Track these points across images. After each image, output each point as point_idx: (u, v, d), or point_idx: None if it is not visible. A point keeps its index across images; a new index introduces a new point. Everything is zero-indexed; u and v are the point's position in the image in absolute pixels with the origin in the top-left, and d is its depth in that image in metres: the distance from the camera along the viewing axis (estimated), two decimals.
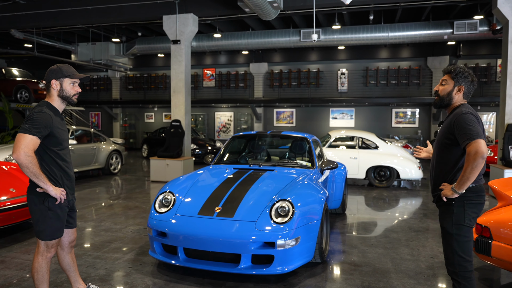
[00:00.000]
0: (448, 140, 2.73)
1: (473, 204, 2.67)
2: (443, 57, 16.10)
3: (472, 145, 2.51)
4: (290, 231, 3.65)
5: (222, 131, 19.51)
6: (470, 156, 2.51)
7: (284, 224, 3.68)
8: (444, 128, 2.80)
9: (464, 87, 2.79)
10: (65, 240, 3.00)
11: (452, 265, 2.67)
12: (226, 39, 14.28)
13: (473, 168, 2.50)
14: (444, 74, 2.91)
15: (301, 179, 4.56)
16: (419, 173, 9.15)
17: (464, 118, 2.62)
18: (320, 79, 17.84)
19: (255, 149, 6.06)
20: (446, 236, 2.73)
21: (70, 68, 2.86)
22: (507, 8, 8.17)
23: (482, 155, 2.47)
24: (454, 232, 2.67)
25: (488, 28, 12.02)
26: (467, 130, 2.56)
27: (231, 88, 19.02)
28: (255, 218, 3.76)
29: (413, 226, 5.91)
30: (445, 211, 2.75)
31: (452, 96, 2.80)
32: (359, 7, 11.40)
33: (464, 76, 2.79)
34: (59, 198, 2.73)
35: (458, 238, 2.66)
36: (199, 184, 4.53)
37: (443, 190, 2.70)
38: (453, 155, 2.73)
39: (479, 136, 2.52)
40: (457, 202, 2.67)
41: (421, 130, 16.94)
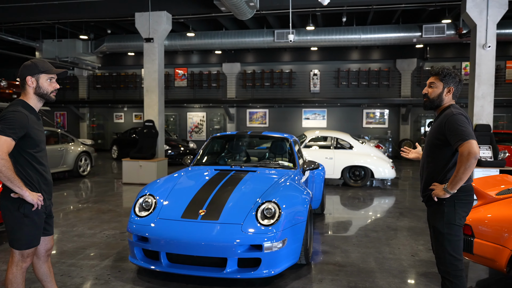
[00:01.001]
0: (439, 141, 2.75)
1: (463, 203, 2.70)
2: (411, 59, 16.57)
3: (465, 146, 2.53)
4: (277, 233, 3.58)
5: (195, 132, 19.24)
6: (463, 156, 2.53)
7: (271, 226, 3.61)
8: (435, 128, 2.81)
9: (453, 88, 2.82)
10: (42, 249, 2.80)
11: (444, 264, 2.69)
12: (200, 38, 14.09)
13: (466, 169, 2.52)
14: (431, 76, 2.92)
15: (283, 180, 4.51)
16: (392, 173, 9.34)
17: (455, 119, 2.64)
18: (292, 80, 17.94)
19: (235, 150, 5.97)
20: (437, 236, 2.74)
21: (46, 63, 2.67)
22: (475, 13, 8.48)
23: (475, 156, 2.50)
24: (446, 231, 2.69)
25: (454, 32, 12.46)
26: (459, 131, 2.58)
27: (203, 88, 18.79)
28: (241, 220, 3.67)
29: (391, 225, 6.00)
30: (436, 211, 2.76)
31: (442, 97, 2.83)
32: (332, 9, 11.53)
33: (452, 77, 2.82)
34: (36, 204, 2.53)
35: (449, 238, 2.68)
36: (180, 186, 4.38)
37: (434, 190, 2.72)
38: (443, 155, 2.75)
39: (471, 136, 2.55)
40: (448, 201, 2.69)
41: (391, 130, 17.36)
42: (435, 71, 2.87)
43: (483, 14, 8.44)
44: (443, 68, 2.84)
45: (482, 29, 8.48)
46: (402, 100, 16.28)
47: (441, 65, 2.90)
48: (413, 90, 16.80)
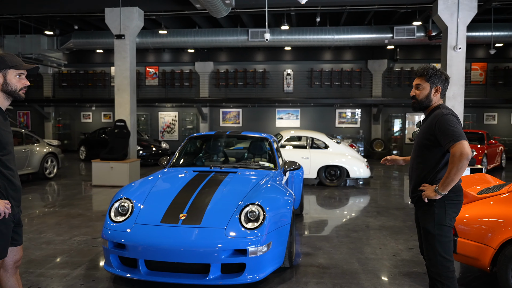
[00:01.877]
0: (429, 141, 2.71)
1: (454, 204, 2.68)
2: (382, 60, 16.90)
3: (457, 147, 2.50)
4: (261, 236, 3.47)
5: (166, 132, 18.83)
6: (455, 157, 2.49)
7: (255, 229, 3.49)
8: (425, 129, 2.77)
9: (441, 87, 2.79)
10: (10, 260, 2.55)
11: (435, 266, 2.65)
12: (172, 36, 13.76)
13: (458, 170, 2.49)
14: (416, 77, 2.87)
15: (265, 181, 4.39)
16: (367, 172, 9.43)
17: (445, 119, 2.61)
18: (266, 80, 17.88)
19: (212, 150, 5.81)
20: (428, 237, 2.70)
21: (14, 57, 2.43)
22: (446, 15, 8.69)
23: (467, 156, 2.47)
24: (437, 232, 2.65)
25: (424, 34, 12.77)
26: (450, 131, 2.55)
27: (175, 87, 18.42)
28: (224, 224, 3.52)
29: (370, 224, 6.02)
30: (426, 212, 2.72)
31: (430, 98, 2.80)
32: (307, 9, 11.54)
33: (438, 76, 2.78)
34: (2, 212, 2.29)
35: (440, 239, 2.65)
36: (158, 189, 4.18)
37: (425, 191, 2.67)
38: (433, 156, 2.72)
39: (463, 137, 2.52)
40: (438, 202, 2.65)
41: (363, 130, 17.64)
42: (420, 72, 2.82)
43: (454, 17, 8.66)
44: (427, 68, 2.79)
45: (453, 31, 8.70)
46: (374, 100, 16.57)
47: (425, 65, 2.83)
48: (384, 90, 17.14)
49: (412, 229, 5.82)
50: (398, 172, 12.77)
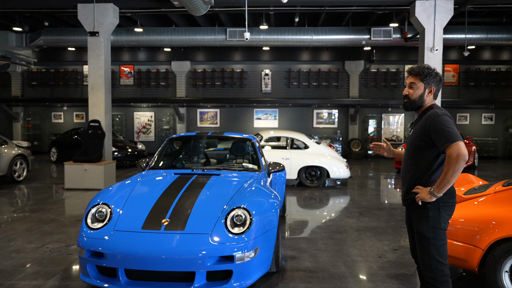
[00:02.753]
0: (423, 142, 2.65)
1: (447, 206, 2.62)
2: (358, 61, 17.08)
3: (453, 148, 2.44)
4: (249, 241, 3.33)
5: (142, 132, 18.40)
6: (452, 158, 2.43)
7: (242, 234, 3.35)
8: (418, 130, 2.70)
9: (435, 88, 2.74)
10: None
11: (430, 270, 2.59)
12: (148, 34, 13.41)
13: (455, 171, 2.43)
14: (410, 76, 2.80)
15: (250, 183, 4.25)
16: (347, 172, 9.45)
17: (440, 119, 2.55)
18: (244, 80, 17.75)
19: (193, 152, 5.63)
20: (422, 241, 2.63)
21: None
22: (424, 17, 8.81)
23: (464, 158, 2.42)
24: (431, 236, 2.59)
25: (400, 35, 12.96)
26: (445, 132, 2.50)
27: (151, 87, 18.01)
28: (209, 229, 3.36)
29: (353, 225, 5.98)
30: (420, 215, 2.66)
31: (424, 98, 2.74)
32: (286, 9, 11.48)
33: (433, 76, 2.73)
34: None
35: (434, 242, 2.59)
36: (138, 193, 3.98)
37: (419, 193, 2.61)
38: (427, 157, 2.66)
39: (459, 138, 2.47)
40: (432, 205, 2.60)
41: (340, 130, 17.77)
42: (416, 71, 2.76)
43: (431, 19, 8.79)
44: (423, 68, 2.74)
45: (430, 33, 8.83)
46: (351, 101, 16.72)
47: (420, 64, 2.78)
48: (361, 91, 17.33)
49: (395, 229, 5.83)
50: (374, 172, 12.91)
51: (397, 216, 6.67)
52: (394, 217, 6.58)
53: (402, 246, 4.99)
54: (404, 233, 5.66)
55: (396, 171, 12.61)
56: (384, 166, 14.15)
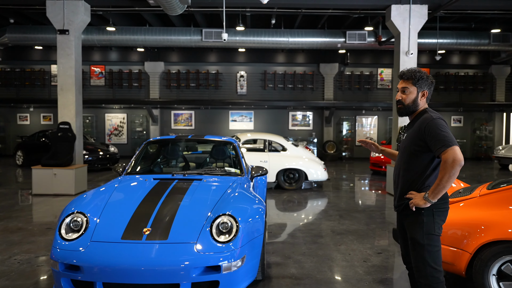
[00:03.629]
0: (418, 147, 2.59)
1: (441, 212, 2.58)
2: (333, 64, 17.24)
3: (449, 153, 2.40)
4: (235, 250, 3.19)
5: (114, 134, 17.85)
6: (448, 164, 2.39)
7: (229, 242, 3.20)
8: (413, 134, 2.65)
9: (427, 92, 2.70)
10: None
11: (425, 277, 2.54)
12: (121, 33, 13.01)
13: (451, 176, 2.39)
14: (401, 80, 2.73)
15: (233, 188, 4.11)
16: (325, 174, 9.46)
17: (435, 123, 2.51)
18: (219, 81, 17.56)
19: (173, 156, 5.43)
20: (417, 247, 2.57)
21: None
22: (399, 21, 8.93)
23: (460, 163, 2.38)
24: (426, 242, 2.54)
25: (374, 39, 13.16)
26: (441, 136, 2.45)
27: (123, 88, 17.51)
28: (194, 238, 3.20)
29: (334, 229, 5.94)
30: (414, 221, 2.60)
31: (417, 102, 2.68)
32: (263, 10, 11.41)
33: (425, 79, 2.68)
34: None
35: (429, 249, 2.53)
36: (115, 200, 3.76)
37: (413, 199, 2.55)
38: (421, 162, 2.60)
39: (454, 142, 2.43)
40: (426, 211, 2.54)
41: (315, 132, 17.88)
42: (407, 75, 2.69)
43: (406, 23, 8.93)
44: (415, 72, 2.68)
45: (405, 37, 8.97)
46: (326, 103, 16.85)
47: (411, 68, 2.72)
48: (336, 93, 17.50)
49: (376, 232, 5.83)
50: (350, 173, 13.03)
51: (377, 218, 6.69)
52: (374, 219, 6.60)
53: (385, 249, 4.98)
54: (386, 235, 5.68)
55: (371, 173, 12.77)
56: (358, 168, 14.32)
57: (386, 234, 5.76)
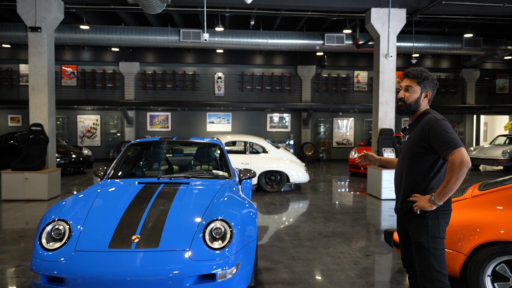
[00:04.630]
0: (422, 149, 2.53)
1: (445, 214, 2.55)
2: (311, 66, 17.35)
3: (456, 154, 2.35)
4: (230, 257, 3.05)
5: (87, 137, 17.27)
6: (455, 166, 2.34)
7: (224, 249, 3.07)
8: (416, 135, 2.58)
9: (431, 93, 2.65)
10: None
11: (430, 282, 2.48)
12: (95, 32, 12.58)
13: (458, 178, 2.34)
14: (406, 78, 2.67)
15: (223, 192, 3.96)
16: (306, 176, 9.44)
17: (440, 124, 2.45)
18: (196, 83, 17.33)
19: (156, 158, 5.23)
20: (421, 251, 2.52)
21: None
22: (379, 24, 9.04)
23: (467, 165, 2.34)
24: (431, 246, 2.48)
25: (352, 42, 13.30)
26: (447, 138, 2.40)
27: (97, 89, 16.99)
28: (187, 245, 3.04)
29: (321, 231, 5.89)
30: (418, 224, 2.54)
31: (419, 102, 2.63)
32: (242, 11, 11.33)
33: (430, 80, 2.62)
34: None
35: (434, 252, 2.48)
36: (99, 206, 3.55)
37: (418, 202, 2.49)
38: (425, 164, 2.55)
39: (461, 144, 2.39)
40: (431, 214, 2.49)
41: (293, 134, 17.92)
42: (413, 74, 2.63)
43: (386, 26, 9.05)
44: (421, 71, 2.62)
45: (384, 40, 9.09)
46: (304, 105, 16.91)
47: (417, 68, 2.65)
48: (313, 95, 17.61)
49: (362, 234, 5.82)
50: (329, 175, 13.10)
51: (361, 220, 6.70)
52: (358, 221, 6.60)
53: (373, 251, 4.96)
54: (372, 237, 5.67)
55: (350, 174, 12.88)
56: (337, 170, 14.43)
57: (372, 236, 5.76)
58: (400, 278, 4.10)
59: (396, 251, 4.07)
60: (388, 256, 4.79)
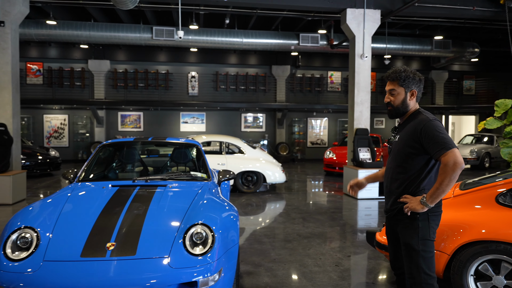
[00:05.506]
0: (413, 149, 2.47)
1: (436, 216, 2.50)
2: (285, 66, 17.35)
3: (449, 155, 2.29)
4: (212, 263, 2.91)
5: (54, 137, 16.58)
6: (448, 167, 2.28)
7: (206, 255, 2.92)
8: (407, 136, 2.52)
9: (416, 91, 2.58)
10: None
11: (419, 285, 2.43)
12: (62, 28, 12.06)
13: (451, 180, 2.28)
14: (388, 82, 2.62)
15: (202, 194, 3.81)
16: (283, 176, 9.37)
17: (433, 125, 2.39)
18: (169, 82, 16.97)
19: (130, 160, 4.99)
20: (411, 254, 2.46)
21: None
22: (354, 25, 9.09)
23: (461, 166, 2.28)
24: (421, 248, 2.43)
25: (327, 42, 13.38)
26: (439, 138, 2.34)
27: (64, 87, 16.32)
28: (166, 252, 2.87)
29: (300, 232, 5.82)
30: (408, 226, 2.48)
31: (407, 103, 2.57)
32: (217, 9, 11.15)
33: (412, 78, 2.55)
34: None
35: (424, 255, 2.43)
36: (70, 211, 3.31)
37: (409, 203, 2.43)
38: (416, 164, 2.48)
39: (454, 145, 2.33)
40: (421, 215, 2.44)
41: (268, 134, 17.88)
42: (392, 76, 2.57)
43: (361, 27, 9.11)
44: (399, 72, 2.56)
45: (360, 40, 9.15)
46: (278, 105, 16.89)
47: (396, 68, 2.59)
48: (288, 95, 17.62)
49: (341, 234, 5.80)
50: (304, 175, 13.12)
51: (339, 220, 6.69)
52: (336, 221, 6.59)
53: (353, 252, 4.93)
54: (351, 237, 5.65)
55: (325, 174, 12.94)
56: (312, 169, 14.48)
57: (351, 236, 5.75)
58: (383, 279, 4.07)
59: (378, 252, 4.04)
60: (368, 256, 4.77)
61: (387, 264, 4.44)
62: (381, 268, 4.36)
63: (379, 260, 4.59)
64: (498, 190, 3.34)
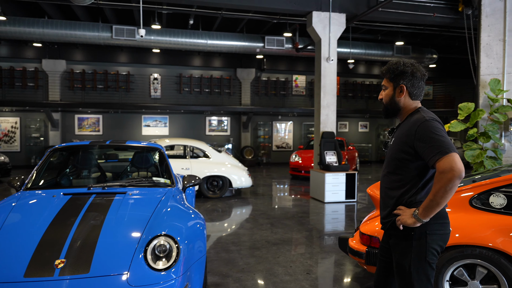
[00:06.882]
0: (407, 154, 2.15)
1: (437, 235, 2.12)
2: (250, 69, 17.21)
3: (445, 161, 1.94)
4: (177, 278, 2.64)
5: (4, 141, 15.48)
6: (444, 175, 1.93)
7: (170, 269, 2.64)
8: (401, 138, 2.21)
9: (406, 85, 2.22)
10: None
11: None
12: (13, 24, 11.26)
13: (447, 191, 1.94)
14: (383, 76, 2.35)
15: (165, 202, 3.52)
16: (249, 181, 9.17)
17: (428, 125, 2.06)
18: (130, 83, 16.35)
19: (85, 165, 4.60)
20: (403, 275, 2.13)
21: None
22: (320, 28, 9.08)
23: (460, 174, 1.92)
24: (413, 270, 2.10)
25: (292, 46, 13.37)
26: (434, 141, 2.00)
27: (16, 88, 15.30)
28: (124, 268, 2.57)
29: (268, 239, 5.62)
30: (400, 242, 2.15)
31: (395, 100, 2.26)
32: (180, 9, 10.81)
33: (400, 71, 2.22)
34: None
35: (418, 278, 2.09)
36: (13, 223, 2.94)
37: (401, 216, 2.12)
38: (411, 172, 2.16)
39: (452, 149, 1.97)
40: (417, 232, 2.09)
41: (233, 138, 17.64)
42: (383, 70, 2.31)
43: (326, 30, 9.11)
44: (390, 65, 2.26)
45: (325, 43, 9.14)
46: (243, 108, 16.70)
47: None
48: (253, 98, 17.48)
49: (310, 239, 5.66)
50: (269, 179, 12.99)
51: (307, 225, 6.57)
52: (304, 226, 6.45)
53: (324, 258, 4.79)
54: (319, 243, 5.52)
55: (290, 178, 12.87)
56: (277, 173, 14.38)
57: (320, 241, 5.62)
58: (356, 286, 3.95)
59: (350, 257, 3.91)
60: (338, 262, 4.64)
61: (359, 269, 4.33)
62: (353, 274, 4.23)
63: (351, 266, 4.47)
64: (471, 193, 3.29)
